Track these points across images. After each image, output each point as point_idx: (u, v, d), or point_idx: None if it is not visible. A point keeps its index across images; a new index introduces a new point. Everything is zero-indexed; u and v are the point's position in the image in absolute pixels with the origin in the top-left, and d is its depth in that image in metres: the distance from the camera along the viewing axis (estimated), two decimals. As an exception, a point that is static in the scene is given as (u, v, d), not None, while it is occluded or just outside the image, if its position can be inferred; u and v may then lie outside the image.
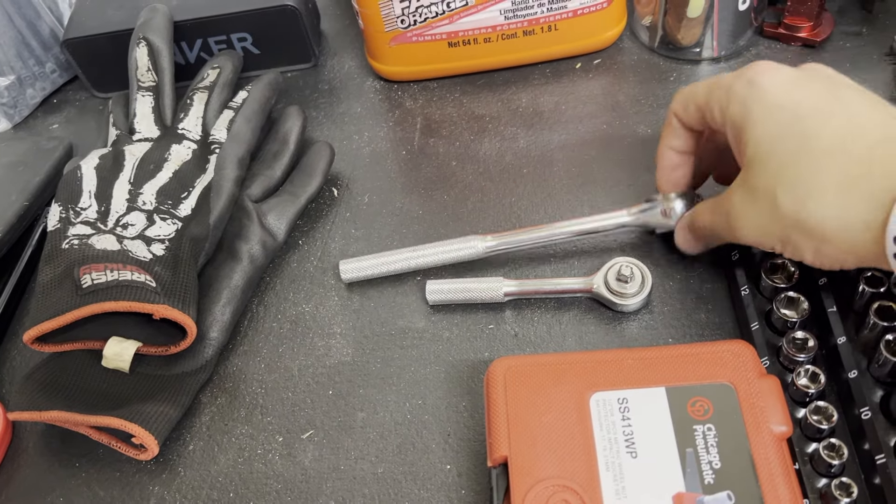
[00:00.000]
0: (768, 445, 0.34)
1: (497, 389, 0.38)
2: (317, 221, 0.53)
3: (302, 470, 0.42)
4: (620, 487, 0.34)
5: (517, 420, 0.37)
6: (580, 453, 0.35)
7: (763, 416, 0.35)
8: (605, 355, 0.39)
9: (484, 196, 0.52)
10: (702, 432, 0.35)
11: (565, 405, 0.37)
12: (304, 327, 0.48)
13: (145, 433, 0.41)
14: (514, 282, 0.46)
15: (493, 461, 0.36)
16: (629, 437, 0.35)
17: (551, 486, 0.34)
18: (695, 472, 0.34)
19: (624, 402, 0.36)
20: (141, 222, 0.49)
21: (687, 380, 0.37)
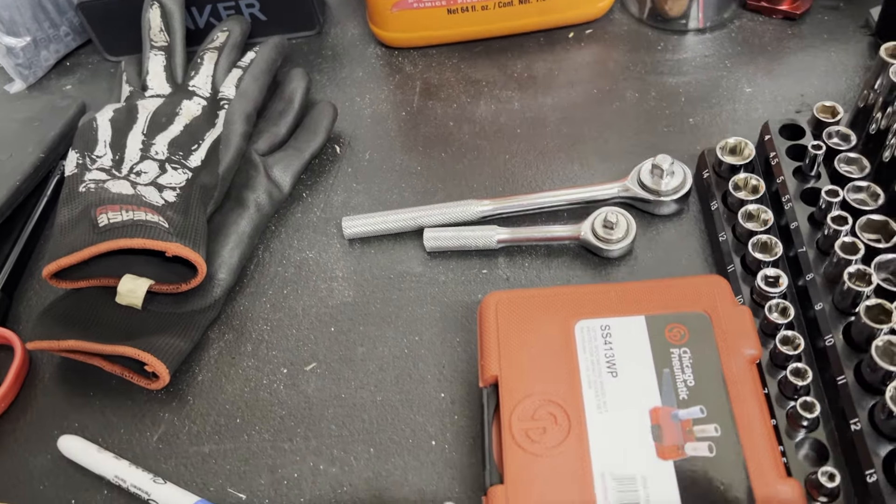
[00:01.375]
0: (739, 366, 0.37)
1: (489, 318, 0.41)
2: (320, 176, 0.56)
3: (305, 398, 0.45)
4: (602, 402, 0.37)
5: (507, 344, 0.39)
6: (565, 373, 0.38)
7: (735, 341, 0.38)
8: (590, 288, 0.41)
9: (479, 154, 0.55)
10: (678, 355, 0.38)
11: (552, 331, 0.40)
12: (307, 271, 0.50)
13: (157, 362, 0.44)
14: (507, 229, 0.49)
15: (485, 381, 0.39)
16: (610, 359, 0.38)
17: (538, 401, 0.37)
18: (670, 390, 0.37)
19: (606, 328, 0.39)
20: (153, 171, 0.52)
21: (665, 309, 0.39)
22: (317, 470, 0.42)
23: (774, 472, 0.34)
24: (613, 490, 0.34)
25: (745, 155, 0.48)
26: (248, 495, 0.41)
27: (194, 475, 0.42)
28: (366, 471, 0.41)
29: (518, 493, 0.34)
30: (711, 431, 0.35)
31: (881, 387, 0.36)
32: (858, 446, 0.35)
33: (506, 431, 0.36)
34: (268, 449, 0.43)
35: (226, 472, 0.42)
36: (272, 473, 0.42)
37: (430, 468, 0.41)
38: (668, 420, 0.35)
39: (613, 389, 0.37)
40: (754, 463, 0.34)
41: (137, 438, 0.44)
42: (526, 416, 0.37)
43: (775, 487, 0.33)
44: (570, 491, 0.34)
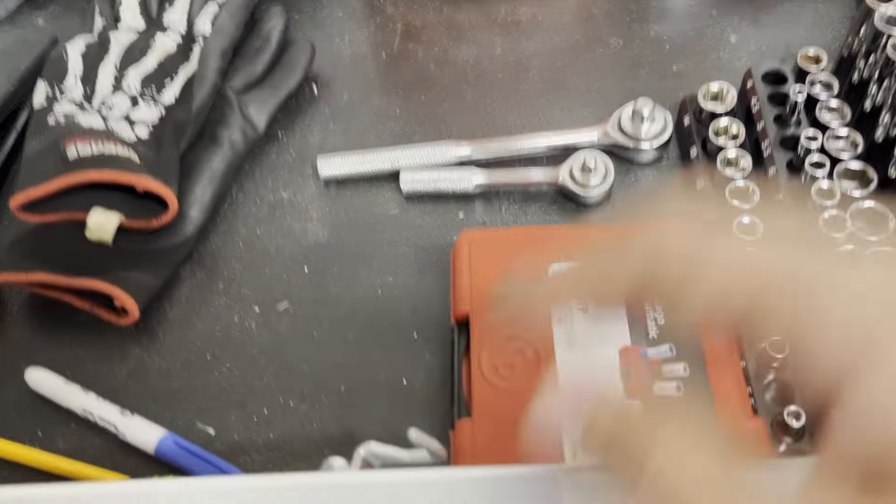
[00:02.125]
0: None
1: (462, 256, 0.40)
2: (296, 116, 0.55)
3: (277, 337, 0.44)
4: (571, 339, 0.37)
5: (479, 281, 0.39)
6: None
7: None
8: (566, 229, 0.41)
9: (460, 98, 0.54)
10: None
11: (525, 270, 0.39)
12: (281, 211, 0.50)
13: (127, 296, 0.43)
14: (484, 173, 0.48)
15: (456, 317, 0.39)
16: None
17: (508, 338, 0.37)
18: (640, 328, 0.37)
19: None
20: (125, 105, 0.50)
21: None
22: (287, 406, 0.42)
23: (741, 412, 0.34)
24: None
25: (727, 102, 0.47)
26: (217, 430, 0.41)
27: (163, 410, 0.42)
28: (336, 408, 0.41)
29: (485, 426, 0.35)
30: (680, 371, 0.35)
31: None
32: (825, 387, 0.35)
33: (475, 366, 0.36)
34: (238, 386, 0.43)
35: (195, 407, 0.42)
36: (242, 409, 0.42)
37: (400, 406, 0.41)
38: (637, 358, 0.35)
39: (583, 327, 0.37)
40: (722, 402, 0.34)
41: (106, 373, 0.44)
42: (496, 352, 0.37)
43: (742, 426, 0.33)
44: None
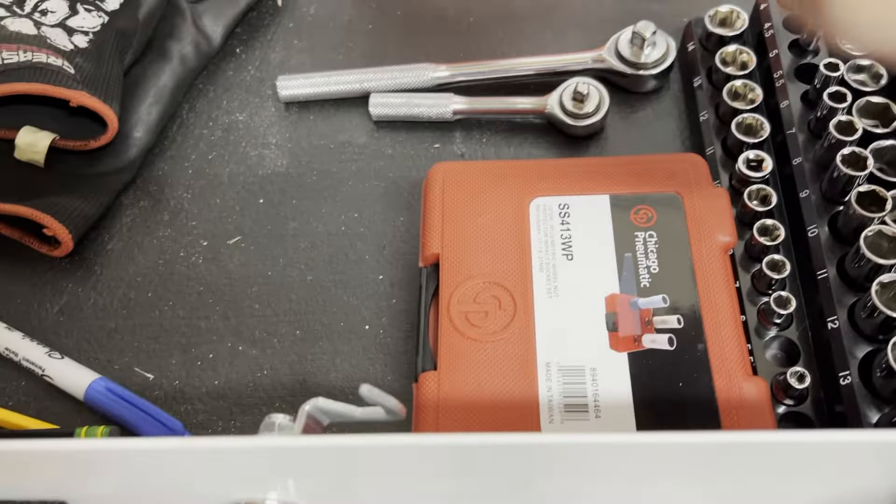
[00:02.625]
0: (710, 254, 0.33)
1: (434, 190, 0.36)
2: (257, 30, 0.49)
3: (226, 274, 0.40)
4: (553, 287, 0.32)
5: (452, 220, 0.35)
6: (514, 253, 0.33)
7: (708, 226, 0.34)
8: (551, 163, 0.37)
9: (441, 13, 0.49)
10: (643, 238, 0.33)
11: (503, 208, 0.35)
12: (236, 136, 0.45)
13: (58, 225, 0.39)
14: (465, 99, 0.43)
15: (425, 260, 0.35)
16: (566, 241, 0.34)
17: (481, 283, 0.33)
18: (631, 276, 0.32)
19: (565, 207, 0.35)
20: (62, 10, 0.45)
21: (633, 188, 0.35)
22: (235, 351, 0.37)
23: (740, 370, 0.30)
24: (558, 381, 0.30)
25: (737, 26, 0.42)
26: (157, 375, 0.37)
27: (98, 351, 0.38)
28: (289, 354, 0.37)
29: (452, 380, 0.31)
30: (673, 323, 0.31)
31: (865, 283, 0.32)
32: (834, 346, 0.31)
33: (443, 314, 0.32)
34: (181, 327, 0.38)
35: (133, 349, 0.38)
36: (185, 353, 0.37)
37: (361, 354, 0.37)
38: (625, 308, 0.31)
39: (567, 273, 0.33)
40: (718, 359, 0.30)
41: (36, 310, 0.39)
42: (467, 298, 0.33)
43: (740, 386, 0.30)
44: (510, 380, 0.30)
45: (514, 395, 0.30)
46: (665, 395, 0.30)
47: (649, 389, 0.30)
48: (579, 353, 0.31)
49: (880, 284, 0.31)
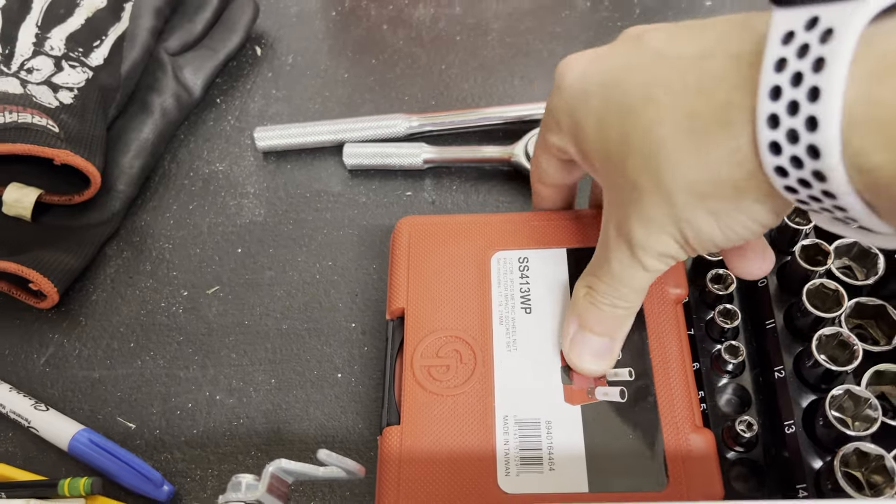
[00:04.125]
0: (662, 307, 0.34)
1: (401, 245, 0.37)
2: (237, 80, 0.51)
3: (205, 323, 0.41)
4: (512, 340, 0.34)
5: (417, 274, 0.36)
6: (476, 308, 0.35)
7: (660, 280, 0.35)
8: (512, 217, 0.38)
9: (413, 62, 0.51)
10: None
11: (466, 262, 0.36)
12: (216, 186, 0.46)
13: (44, 279, 0.40)
14: (435, 148, 0.45)
15: (391, 314, 0.36)
16: (525, 294, 0.35)
17: (444, 337, 0.34)
18: None
19: (525, 261, 0.36)
20: (48, 68, 0.46)
21: (589, 242, 0.36)
22: (212, 400, 0.39)
23: (688, 421, 0.31)
24: (515, 434, 0.31)
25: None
26: (138, 424, 0.39)
27: (82, 401, 0.39)
28: (265, 403, 0.39)
29: (413, 434, 0.32)
30: (625, 375, 0.32)
31: (809, 333, 0.33)
32: (780, 395, 0.33)
33: (407, 368, 0.34)
34: (162, 376, 0.40)
35: (116, 399, 0.39)
36: (165, 402, 0.39)
37: (333, 402, 0.38)
38: None
39: (525, 327, 0.34)
40: (667, 411, 0.32)
41: (23, 361, 0.41)
42: (430, 352, 0.34)
43: (687, 438, 0.31)
44: (469, 434, 0.32)
45: (473, 448, 0.31)
46: (616, 446, 0.31)
47: (601, 441, 0.31)
48: (535, 406, 0.32)
49: (822, 336, 0.32)
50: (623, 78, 0.27)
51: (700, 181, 0.25)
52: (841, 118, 0.20)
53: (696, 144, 0.24)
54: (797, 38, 0.21)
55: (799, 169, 0.21)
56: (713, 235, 0.26)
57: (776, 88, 0.21)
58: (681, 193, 0.25)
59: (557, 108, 0.30)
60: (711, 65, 0.24)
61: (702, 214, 0.26)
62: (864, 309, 0.34)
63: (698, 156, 0.24)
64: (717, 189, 0.24)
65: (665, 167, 0.25)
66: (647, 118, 0.25)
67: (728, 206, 0.25)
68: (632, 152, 0.26)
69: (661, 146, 0.25)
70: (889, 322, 0.33)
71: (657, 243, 0.27)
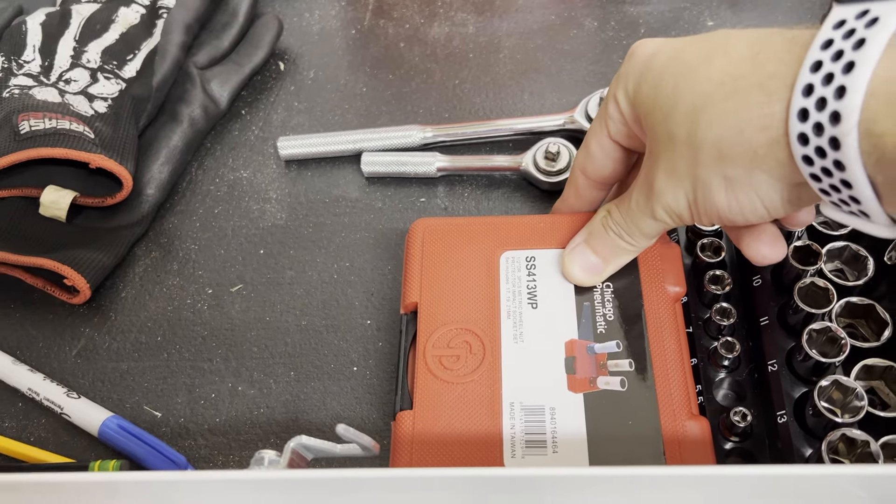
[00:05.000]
0: (661, 304, 0.36)
1: (415, 244, 0.40)
2: (261, 93, 0.53)
3: (228, 319, 0.44)
4: (518, 332, 0.36)
5: (430, 272, 0.38)
6: (485, 303, 0.37)
7: (660, 278, 0.37)
8: (521, 219, 0.40)
9: (429, 78, 0.53)
10: (600, 289, 0.37)
11: (476, 261, 0.38)
12: (240, 191, 0.49)
13: (77, 276, 0.43)
14: (447, 157, 0.47)
15: (405, 308, 0.38)
16: (532, 291, 0.37)
17: (454, 329, 0.36)
18: (589, 323, 0.36)
19: (532, 260, 0.38)
20: (84, 79, 0.49)
21: None
22: (235, 391, 0.41)
23: (685, 410, 0.33)
24: (521, 419, 0.33)
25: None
26: (164, 413, 0.41)
27: (111, 391, 0.42)
28: (284, 394, 0.41)
29: (425, 419, 0.34)
30: (625, 366, 0.34)
31: (801, 329, 0.35)
32: (773, 387, 0.35)
33: (419, 358, 0.36)
34: (187, 368, 0.42)
35: (143, 389, 0.42)
36: (189, 393, 0.41)
37: (349, 393, 0.40)
38: (583, 353, 0.35)
39: (532, 321, 0.36)
40: (665, 399, 0.33)
41: (56, 353, 0.43)
42: (441, 343, 0.36)
43: (684, 424, 0.33)
44: (478, 419, 0.34)
45: (480, 432, 0.33)
46: (616, 431, 0.33)
47: (602, 427, 0.33)
48: (540, 394, 0.34)
49: (812, 331, 0.34)
50: (689, 48, 0.31)
51: (726, 138, 0.28)
52: (865, 89, 0.24)
53: (734, 105, 0.27)
54: (847, 25, 0.25)
55: (819, 136, 0.25)
56: (718, 202, 0.29)
57: (818, 63, 0.25)
58: (707, 150, 0.28)
59: (625, 72, 0.34)
60: (769, 41, 0.28)
61: (716, 178, 0.29)
62: (854, 308, 0.36)
63: (732, 115, 0.27)
64: (738, 150, 0.27)
65: (702, 121, 0.28)
66: (700, 76, 0.29)
67: (742, 174, 0.28)
68: (678, 105, 0.30)
69: (705, 101, 0.28)
70: (878, 320, 0.35)
71: (671, 196, 0.31)
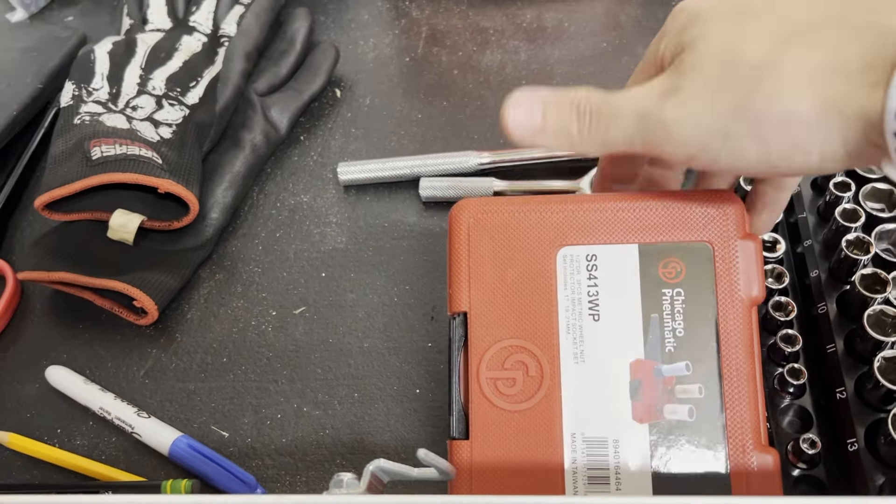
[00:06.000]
0: (737, 313, 0.33)
1: (460, 236, 0.36)
2: (319, 119, 0.55)
3: (293, 341, 0.44)
4: (579, 351, 0.34)
5: (478, 274, 0.35)
6: (541, 313, 0.34)
7: (736, 280, 0.34)
8: (579, 200, 0.36)
9: (482, 104, 0.54)
10: (670, 297, 0.34)
11: (531, 259, 0.35)
12: (301, 215, 0.50)
13: (146, 297, 0.44)
14: (504, 182, 0.48)
15: (453, 311, 0.36)
16: (594, 298, 0.35)
17: (509, 347, 0.34)
18: (657, 340, 0.34)
19: (593, 258, 0.35)
20: (150, 106, 0.51)
21: (663, 237, 0.35)
22: (300, 412, 0.42)
23: (754, 441, 0.32)
24: (583, 453, 0.33)
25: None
26: (231, 433, 0.42)
27: (178, 411, 0.43)
28: (348, 415, 0.41)
29: (483, 450, 0.33)
30: (695, 392, 0.33)
31: (870, 357, 0.35)
32: (842, 415, 0.35)
33: (473, 381, 0.34)
34: (253, 389, 0.43)
35: (210, 409, 0.42)
36: (256, 413, 0.42)
37: (412, 416, 0.41)
38: (649, 376, 0.33)
39: (594, 336, 0.34)
40: (735, 431, 0.32)
41: (124, 373, 0.44)
42: (496, 364, 0.34)
43: (753, 457, 0.32)
44: (538, 451, 0.33)
45: (541, 466, 0.32)
46: (680, 465, 0.32)
47: (666, 460, 0.32)
48: (603, 424, 0.33)
49: (883, 359, 0.34)
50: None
51: (818, 69, 0.25)
52: None
53: (813, 54, 0.25)
54: None
55: None
56: (767, 142, 0.27)
57: None
58: (784, 78, 0.26)
59: (667, 28, 0.31)
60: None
61: (777, 113, 0.26)
62: (922, 336, 0.36)
63: (807, 67, 0.25)
64: (828, 90, 0.25)
65: (785, 47, 0.26)
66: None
67: (817, 115, 0.25)
68: (730, 42, 0.27)
69: (793, 27, 0.26)
70: (947, 348, 0.35)
71: (695, 116, 0.28)
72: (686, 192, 0.35)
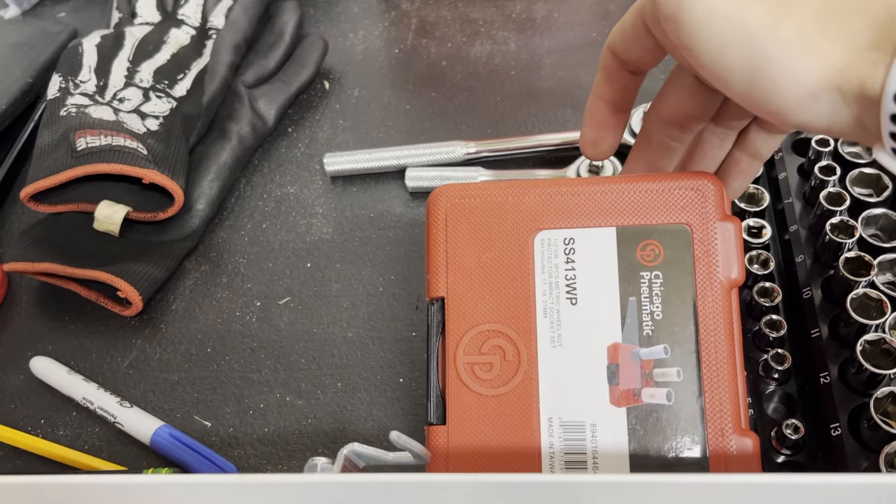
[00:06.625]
0: (716, 295, 0.33)
1: (438, 220, 0.36)
2: (307, 111, 0.55)
3: (277, 331, 0.44)
4: (556, 335, 0.34)
5: (456, 259, 0.35)
6: (518, 297, 0.34)
7: (715, 262, 0.33)
8: (557, 184, 0.36)
9: (471, 95, 0.54)
10: (648, 280, 0.34)
11: (508, 244, 0.35)
12: (287, 206, 0.50)
13: (130, 288, 0.44)
14: (491, 172, 0.48)
15: (430, 296, 0.36)
16: (571, 282, 0.34)
17: (486, 331, 0.34)
18: (634, 323, 0.33)
19: (570, 242, 0.35)
20: (137, 98, 0.51)
21: (641, 219, 0.34)
22: (283, 401, 0.42)
23: (733, 426, 0.32)
24: (560, 437, 0.32)
25: (740, 103, 0.46)
26: (214, 423, 0.41)
27: (162, 401, 0.42)
28: (331, 404, 0.41)
29: (460, 435, 0.33)
30: (672, 376, 0.33)
31: (854, 341, 0.34)
32: (826, 400, 0.34)
33: (450, 366, 0.34)
34: (236, 379, 0.43)
35: (193, 399, 0.42)
36: (238, 403, 0.42)
37: (395, 404, 0.41)
38: (627, 359, 0.33)
39: (571, 320, 0.34)
40: (713, 414, 0.32)
41: (109, 363, 0.44)
42: (473, 349, 0.34)
43: (732, 441, 0.32)
44: (515, 436, 0.33)
45: (518, 450, 0.32)
46: (658, 449, 0.32)
47: (644, 444, 0.32)
48: (580, 408, 0.33)
49: (866, 342, 0.33)
50: None
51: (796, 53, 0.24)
52: None
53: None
54: None
55: None
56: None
57: None
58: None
59: None
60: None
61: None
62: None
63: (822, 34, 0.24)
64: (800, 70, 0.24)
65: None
66: None
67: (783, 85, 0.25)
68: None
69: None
70: (933, 332, 0.34)
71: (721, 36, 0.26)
72: (665, 175, 0.35)
